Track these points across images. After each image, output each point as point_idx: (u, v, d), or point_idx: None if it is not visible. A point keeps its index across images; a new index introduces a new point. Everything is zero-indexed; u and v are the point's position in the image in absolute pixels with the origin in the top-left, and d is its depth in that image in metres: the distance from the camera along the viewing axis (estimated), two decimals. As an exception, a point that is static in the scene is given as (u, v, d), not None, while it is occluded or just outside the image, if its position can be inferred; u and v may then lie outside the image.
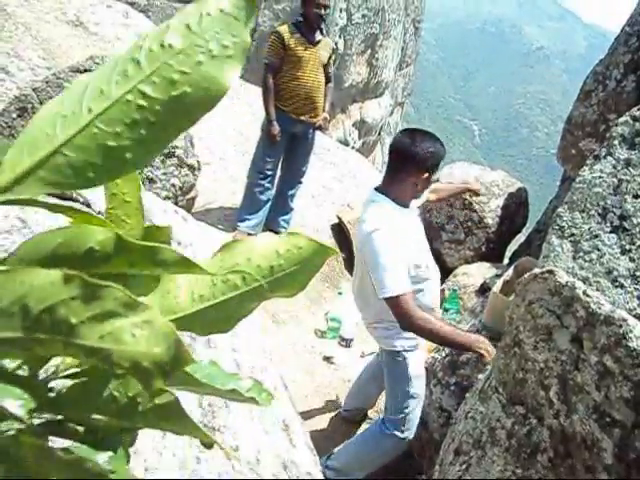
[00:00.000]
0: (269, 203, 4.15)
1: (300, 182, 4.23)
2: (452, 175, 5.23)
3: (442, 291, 4.58)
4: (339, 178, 5.52)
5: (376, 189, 2.09)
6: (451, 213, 5.06)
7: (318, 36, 3.79)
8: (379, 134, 22.35)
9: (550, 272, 1.13)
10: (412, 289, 1.90)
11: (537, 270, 1.19)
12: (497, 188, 5.05)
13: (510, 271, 2.26)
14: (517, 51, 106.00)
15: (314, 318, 4.00)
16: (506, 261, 5.11)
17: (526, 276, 1.22)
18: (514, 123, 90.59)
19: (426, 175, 2.01)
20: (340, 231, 4.81)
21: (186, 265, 0.32)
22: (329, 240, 4.65)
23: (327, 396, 3.27)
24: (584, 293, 1.10)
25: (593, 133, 4.44)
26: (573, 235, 1.80)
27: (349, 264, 4.69)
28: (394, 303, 1.83)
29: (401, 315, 1.83)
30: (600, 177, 1.88)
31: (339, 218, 4.81)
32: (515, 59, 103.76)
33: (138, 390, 0.36)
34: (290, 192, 4.21)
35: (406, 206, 2.08)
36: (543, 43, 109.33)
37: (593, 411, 1.01)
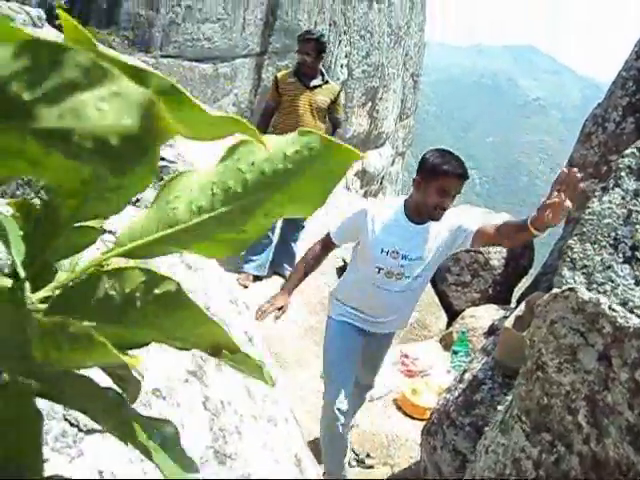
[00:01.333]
0: (272, 244, 4.15)
1: (302, 226, 4.24)
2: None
3: (450, 334, 4.51)
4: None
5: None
6: (456, 255, 5.04)
7: (317, 81, 3.82)
8: (381, 183, 22.66)
9: (571, 290, 1.11)
10: (340, 242, 2.27)
11: (557, 290, 1.16)
12: (502, 230, 5.04)
13: (522, 306, 2.22)
14: (514, 103, 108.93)
15: (320, 362, 3.91)
16: (513, 304, 5.05)
17: (546, 297, 1.18)
18: (514, 172, 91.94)
19: (419, 177, 2.11)
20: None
21: (177, 95, 0.27)
22: (335, 282, 4.61)
23: (335, 443, 3.15)
24: (610, 308, 1.07)
25: (595, 174, 4.48)
26: (585, 267, 1.78)
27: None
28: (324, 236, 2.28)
29: (313, 242, 2.31)
30: (609, 208, 1.87)
31: (344, 261, 4.79)
32: (512, 110, 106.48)
33: (135, 284, 0.31)
34: (292, 237, 4.22)
35: (414, 218, 2.17)
36: (539, 95, 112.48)
37: (627, 433, 0.96)
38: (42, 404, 0.42)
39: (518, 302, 4.95)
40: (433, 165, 2.05)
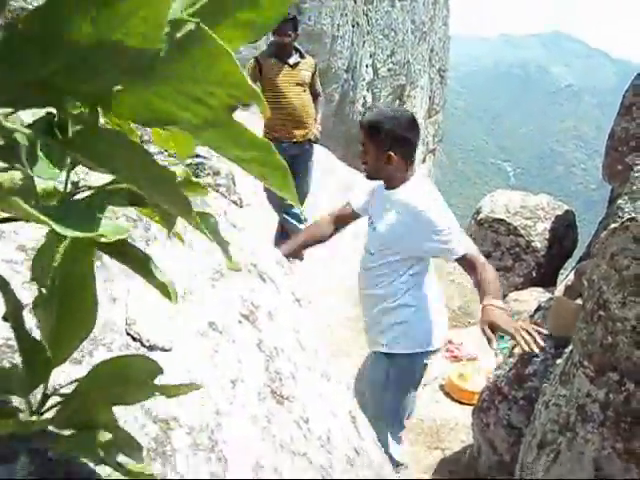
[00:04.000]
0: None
1: (303, 201, 4.25)
2: (494, 201, 5.15)
3: (495, 319, 4.41)
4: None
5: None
6: (497, 239, 4.94)
7: (296, 58, 3.90)
8: (413, 181, 22.42)
9: (631, 220, 1.06)
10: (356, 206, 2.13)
11: (615, 224, 1.11)
12: (542, 211, 4.92)
13: (571, 276, 2.15)
14: (545, 90, 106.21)
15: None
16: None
17: (604, 234, 1.14)
18: (549, 161, 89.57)
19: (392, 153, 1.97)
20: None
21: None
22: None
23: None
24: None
25: (638, 147, 4.31)
26: (637, 224, 1.71)
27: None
28: None
29: None
30: (660, 163, 1.79)
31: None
32: (544, 98, 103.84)
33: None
34: (293, 211, 4.24)
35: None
36: (571, 81, 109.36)
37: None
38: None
39: (564, 284, 4.80)
40: None
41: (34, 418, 0.43)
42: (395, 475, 1.13)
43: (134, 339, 0.65)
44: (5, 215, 0.38)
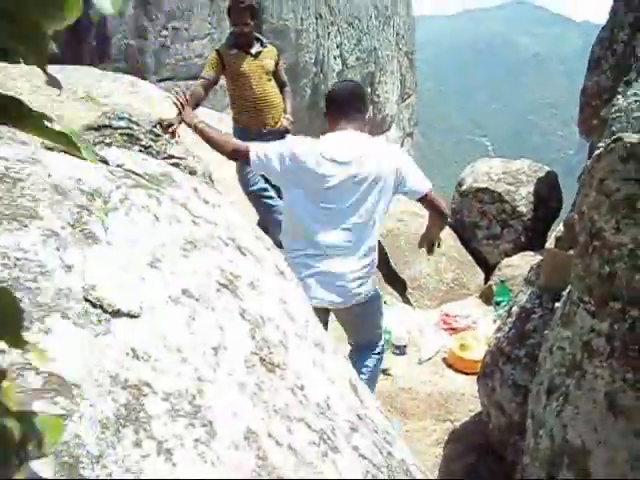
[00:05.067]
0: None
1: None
2: (475, 171, 5.13)
3: (489, 287, 4.40)
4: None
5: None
6: (482, 209, 4.92)
7: (257, 47, 3.84)
8: (393, 165, 22.39)
9: (616, 140, 1.02)
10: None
11: (600, 150, 1.07)
12: (524, 175, 4.91)
13: (560, 227, 2.12)
14: (513, 62, 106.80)
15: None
16: (549, 247, 4.90)
17: (589, 162, 1.10)
18: (525, 132, 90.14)
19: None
20: (373, 246, 4.70)
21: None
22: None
23: (391, 408, 3.09)
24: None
25: (611, 99, 4.31)
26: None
27: (388, 279, 4.56)
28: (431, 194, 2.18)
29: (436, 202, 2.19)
30: (637, 101, 1.76)
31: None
32: (512, 70, 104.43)
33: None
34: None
35: None
36: (538, 50, 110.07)
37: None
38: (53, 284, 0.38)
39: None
40: None
41: None
42: (400, 437, 1.09)
43: (94, 305, 0.60)
44: None
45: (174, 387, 0.58)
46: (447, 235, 4.84)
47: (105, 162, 0.88)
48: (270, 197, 4.03)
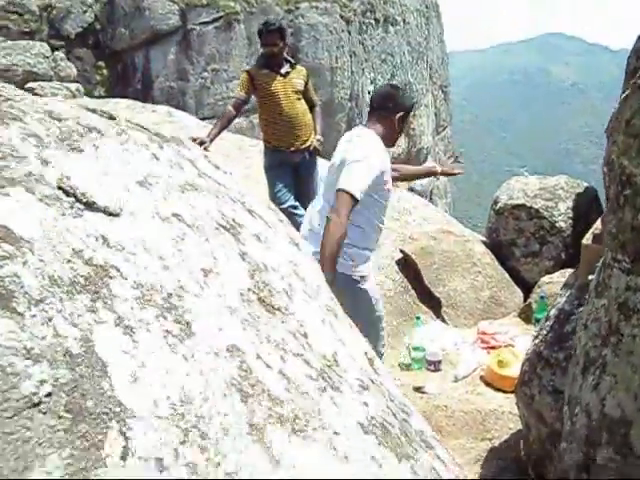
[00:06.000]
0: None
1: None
2: (510, 188, 5.02)
3: (529, 305, 4.23)
4: (395, 217, 5.42)
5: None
6: (519, 226, 4.77)
7: (287, 68, 3.92)
8: (430, 199, 22.35)
9: None
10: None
11: (624, 93, 1.00)
12: (562, 191, 4.76)
13: (598, 224, 2.02)
14: (550, 92, 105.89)
15: (395, 352, 3.75)
16: (592, 265, 4.68)
17: (613, 112, 1.03)
18: (566, 161, 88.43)
19: (396, 117, 2.44)
20: (406, 265, 4.62)
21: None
22: (397, 276, 4.48)
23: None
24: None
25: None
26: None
27: (422, 297, 4.45)
28: (342, 197, 2.09)
29: (338, 209, 2.07)
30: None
31: (402, 252, 4.64)
32: (549, 100, 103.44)
33: None
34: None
35: (387, 145, 2.45)
36: (575, 79, 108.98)
37: None
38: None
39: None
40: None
41: None
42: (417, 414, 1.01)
43: (67, 193, 0.58)
44: None
45: (149, 281, 0.55)
46: (483, 253, 4.71)
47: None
48: (301, 215, 4.03)
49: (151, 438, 0.48)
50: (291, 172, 4.05)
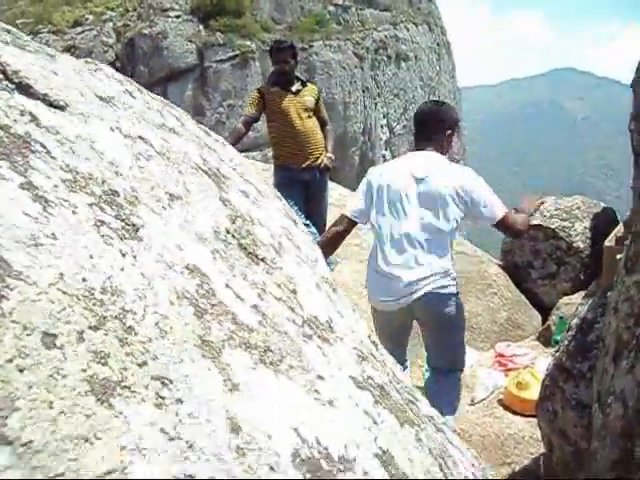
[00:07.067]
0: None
1: (319, 228, 4.11)
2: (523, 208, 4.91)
3: (548, 328, 4.07)
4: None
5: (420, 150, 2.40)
6: (535, 247, 4.64)
7: (298, 85, 3.91)
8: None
9: None
10: None
11: None
12: (579, 211, 4.64)
13: (620, 227, 1.92)
14: (562, 126, 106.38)
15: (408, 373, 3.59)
16: (613, 287, 4.52)
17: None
18: (579, 193, 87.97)
19: (449, 132, 2.40)
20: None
21: None
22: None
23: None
24: None
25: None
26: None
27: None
28: (507, 219, 2.24)
29: (512, 226, 2.26)
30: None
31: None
32: (563, 134, 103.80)
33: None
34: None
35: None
36: (587, 112, 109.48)
37: None
38: None
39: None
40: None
41: None
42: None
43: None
44: None
45: (89, 172, 0.47)
46: (498, 274, 4.58)
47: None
48: (313, 233, 3.98)
49: (40, 306, 0.40)
50: (301, 190, 4.01)
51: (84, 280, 0.43)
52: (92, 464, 0.37)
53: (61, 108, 0.55)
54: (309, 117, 3.95)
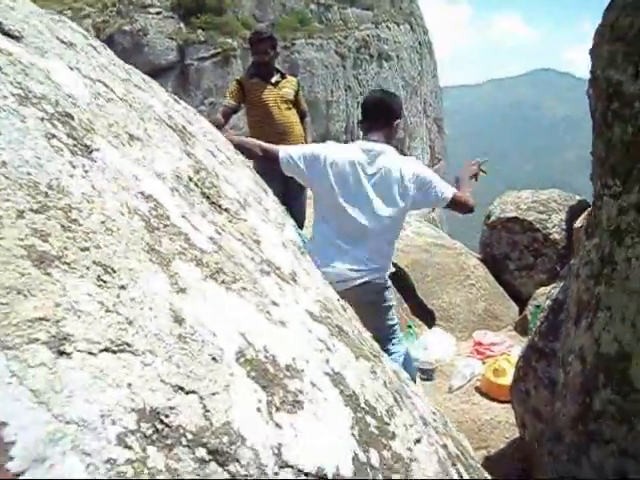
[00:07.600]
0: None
1: (298, 220, 4.12)
2: (502, 202, 4.99)
3: (525, 318, 4.13)
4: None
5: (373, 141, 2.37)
6: (512, 239, 4.71)
7: (277, 77, 3.92)
8: (426, 228, 22.42)
9: None
10: None
11: None
12: (555, 203, 4.72)
13: (590, 210, 1.95)
14: (543, 125, 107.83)
15: (388, 365, 3.62)
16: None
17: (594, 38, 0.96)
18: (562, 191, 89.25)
19: (397, 122, 2.44)
20: (399, 278, 4.53)
21: None
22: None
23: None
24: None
25: None
26: None
27: (414, 310, 4.34)
28: (459, 197, 2.33)
29: (464, 203, 2.36)
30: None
31: (395, 265, 4.55)
32: (544, 133, 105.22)
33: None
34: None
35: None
36: (567, 112, 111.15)
37: None
38: None
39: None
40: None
41: None
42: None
43: None
44: None
45: (40, 92, 0.47)
46: (476, 265, 4.63)
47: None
48: (301, 234, 3.97)
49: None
50: (281, 181, 4.00)
51: (29, 174, 0.43)
52: (24, 312, 0.38)
53: (16, 38, 0.54)
54: (288, 109, 3.94)
